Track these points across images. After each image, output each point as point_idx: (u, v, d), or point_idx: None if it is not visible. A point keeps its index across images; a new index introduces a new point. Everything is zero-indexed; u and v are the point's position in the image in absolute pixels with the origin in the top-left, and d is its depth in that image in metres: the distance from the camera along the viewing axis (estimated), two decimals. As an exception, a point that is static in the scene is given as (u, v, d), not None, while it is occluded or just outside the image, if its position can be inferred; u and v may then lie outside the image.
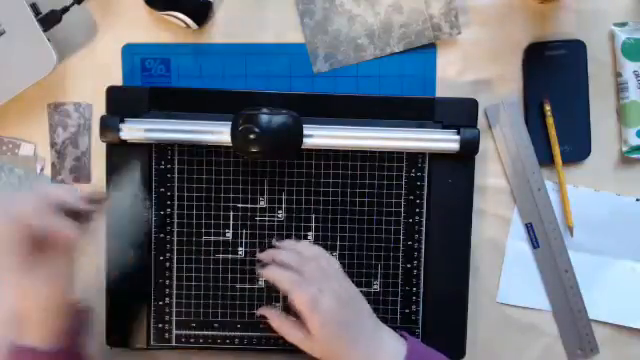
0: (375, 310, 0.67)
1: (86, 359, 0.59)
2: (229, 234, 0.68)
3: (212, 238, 0.68)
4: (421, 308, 0.68)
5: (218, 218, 0.68)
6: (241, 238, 0.68)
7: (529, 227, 0.69)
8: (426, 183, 0.67)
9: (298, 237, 0.68)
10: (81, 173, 0.70)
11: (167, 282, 0.68)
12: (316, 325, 0.58)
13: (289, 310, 0.61)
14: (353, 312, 0.60)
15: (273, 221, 0.68)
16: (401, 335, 0.61)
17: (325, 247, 0.67)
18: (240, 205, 0.68)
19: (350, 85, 0.69)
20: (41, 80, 0.65)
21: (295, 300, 0.58)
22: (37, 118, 0.70)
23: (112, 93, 0.67)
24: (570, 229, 0.69)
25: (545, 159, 0.69)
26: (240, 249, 0.68)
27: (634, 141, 0.68)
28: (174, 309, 0.68)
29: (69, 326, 0.57)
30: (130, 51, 0.69)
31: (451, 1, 0.67)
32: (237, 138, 0.63)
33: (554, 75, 0.68)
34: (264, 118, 0.62)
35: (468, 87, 0.69)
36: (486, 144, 0.69)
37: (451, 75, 0.69)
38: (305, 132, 0.64)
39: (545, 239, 0.69)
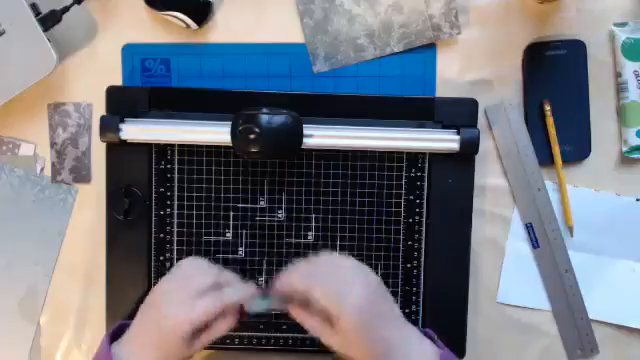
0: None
1: None
2: (229, 234, 0.68)
3: (212, 238, 0.68)
4: (421, 308, 0.68)
5: (218, 218, 0.68)
6: (241, 238, 0.68)
7: (529, 227, 0.69)
8: (426, 183, 0.67)
9: (298, 237, 0.68)
10: (81, 173, 0.70)
11: (167, 282, 0.68)
12: (346, 319, 0.53)
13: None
14: (384, 301, 0.56)
15: (273, 221, 0.68)
16: (431, 339, 0.57)
17: (325, 247, 0.67)
18: (240, 205, 0.68)
19: (350, 85, 0.69)
20: (41, 80, 0.65)
21: (318, 295, 0.54)
22: (37, 118, 0.70)
23: (112, 93, 0.67)
24: (570, 229, 0.69)
25: (545, 159, 0.69)
26: (240, 249, 0.68)
27: (634, 141, 0.68)
28: (174, 309, 0.68)
29: None
30: (130, 51, 0.69)
31: (451, 1, 0.67)
32: (237, 138, 0.63)
33: (554, 75, 0.68)
34: (264, 118, 0.62)
35: (468, 87, 0.69)
36: (486, 144, 0.69)
37: (451, 75, 0.69)
38: (305, 132, 0.64)
39: (545, 239, 0.69)
